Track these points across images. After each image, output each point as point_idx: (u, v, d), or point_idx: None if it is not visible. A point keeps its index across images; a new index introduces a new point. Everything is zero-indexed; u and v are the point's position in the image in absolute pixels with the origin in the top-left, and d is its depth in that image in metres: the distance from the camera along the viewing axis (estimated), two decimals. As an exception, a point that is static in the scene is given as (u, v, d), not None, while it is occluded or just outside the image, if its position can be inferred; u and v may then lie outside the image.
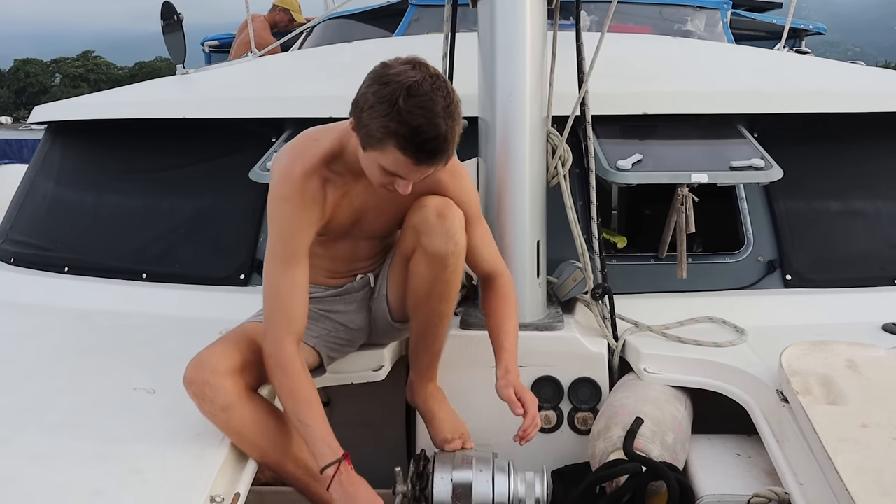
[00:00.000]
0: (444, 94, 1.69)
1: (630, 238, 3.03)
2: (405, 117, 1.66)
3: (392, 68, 1.71)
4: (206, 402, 1.82)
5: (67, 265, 3.03)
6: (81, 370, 2.23)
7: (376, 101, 1.68)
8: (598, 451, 2.06)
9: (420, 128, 1.66)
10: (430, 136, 1.67)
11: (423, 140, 1.68)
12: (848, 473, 1.56)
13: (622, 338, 2.38)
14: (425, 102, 1.66)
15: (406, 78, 1.67)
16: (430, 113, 1.66)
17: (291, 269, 1.90)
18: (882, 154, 2.93)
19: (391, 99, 1.66)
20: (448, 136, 1.70)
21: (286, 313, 1.90)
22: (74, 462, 1.73)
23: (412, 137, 1.67)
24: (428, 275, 2.02)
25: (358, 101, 1.74)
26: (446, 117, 1.68)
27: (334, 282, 2.20)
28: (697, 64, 3.54)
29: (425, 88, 1.66)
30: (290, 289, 1.90)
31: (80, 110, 3.41)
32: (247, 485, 1.80)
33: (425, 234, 1.98)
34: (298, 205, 1.89)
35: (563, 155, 2.41)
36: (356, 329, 2.23)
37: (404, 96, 1.65)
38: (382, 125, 1.68)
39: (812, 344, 2.06)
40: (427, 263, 2.01)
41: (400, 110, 1.65)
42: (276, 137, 2.88)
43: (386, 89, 1.67)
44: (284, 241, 1.91)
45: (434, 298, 2.08)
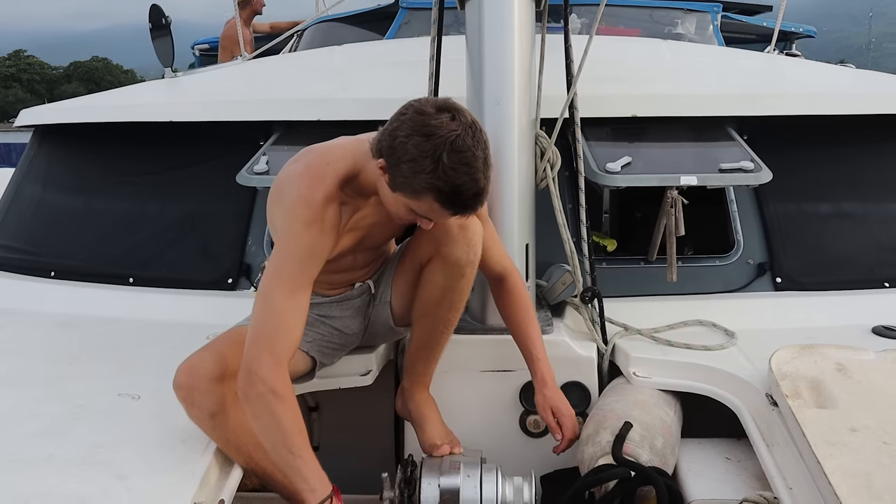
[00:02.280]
0: (483, 147, 1.71)
1: (620, 241, 3.03)
2: (449, 176, 1.67)
3: (431, 118, 1.69)
4: (194, 407, 1.81)
5: (54, 270, 3.01)
6: (66, 375, 2.21)
7: (418, 154, 1.67)
8: (587, 456, 2.05)
9: (463, 185, 1.68)
10: (472, 193, 1.70)
11: (465, 197, 1.71)
12: (837, 477, 1.55)
13: (611, 341, 2.37)
14: (468, 159, 1.67)
15: (448, 132, 1.67)
16: (472, 169, 1.68)
17: (299, 295, 1.83)
18: (872, 156, 2.93)
19: (434, 155, 1.66)
20: (486, 188, 1.73)
21: (286, 338, 1.81)
22: (58, 468, 1.71)
23: (454, 195, 1.70)
24: (443, 283, 2.05)
25: (395, 148, 1.71)
26: (485, 170, 1.71)
27: (332, 292, 2.19)
28: (687, 66, 3.54)
29: (468, 143, 1.67)
30: (294, 313, 1.82)
31: (67, 114, 3.39)
32: (231, 491, 1.79)
33: (446, 244, 2.01)
34: (318, 231, 1.85)
35: (552, 157, 2.40)
36: (350, 334, 2.22)
37: (448, 152, 1.66)
38: (425, 181, 1.69)
39: (801, 347, 2.06)
40: (444, 272, 2.04)
41: (445, 168, 1.66)
42: (264, 140, 2.86)
43: (428, 143, 1.67)
44: (298, 267, 1.84)
45: (444, 307, 2.10)
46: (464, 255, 2.01)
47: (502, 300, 2.22)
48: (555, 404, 2.13)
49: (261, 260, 2.79)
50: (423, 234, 2.07)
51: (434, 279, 2.07)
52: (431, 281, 2.08)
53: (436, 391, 2.25)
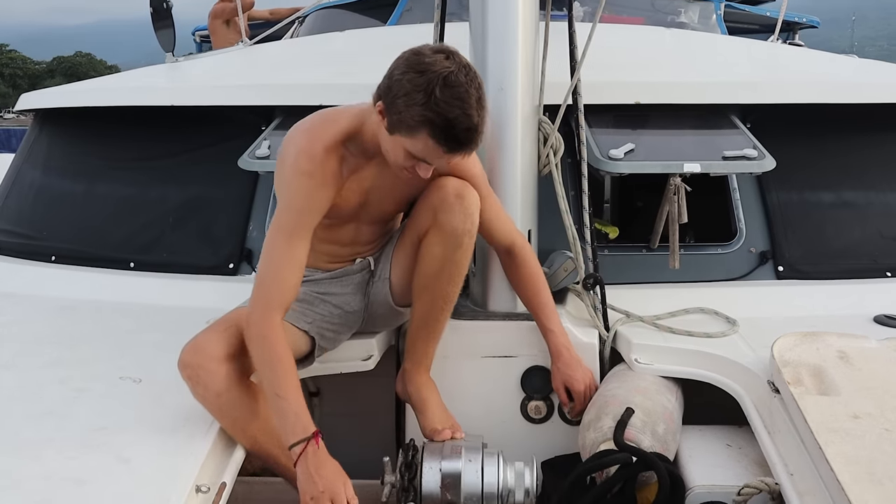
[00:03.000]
0: (477, 86, 1.74)
1: (621, 229, 3.02)
2: (442, 108, 1.70)
3: (426, 56, 1.74)
4: (199, 386, 1.82)
5: (54, 254, 3.01)
6: (67, 359, 2.21)
7: (412, 88, 1.71)
8: (589, 442, 2.05)
9: (456, 119, 1.71)
10: (465, 127, 1.73)
11: (458, 131, 1.73)
12: (839, 464, 1.55)
13: (613, 328, 2.37)
14: (461, 94, 1.70)
15: (442, 68, 1.71)
16: (465, 104, 1.71)
17: (294, 243, 1.91)
18: (875, 145, 2.92)
19: (427, 88, 1.70)
20: (480, 127, 1.75)
21: (280, 286, 1.89)
22: (59, 451, 1.71)
23: (447, 128, 1.72)
24: (440, 254, 2.06)
25: (391, 86, 1.76)
26: (479, 108, 1.73)
27: (333, 266, 2.20)
28: (690, 54, 3.53)
29: (461, 79, 1.71)
30: (289, 263, 1.90)
31: (67, 98, 3.38)
32: (233, 474, 1.79)
33: (443, 212, 2.03)
34: (318, 181, 1.91)
35: (555, 144, 2.39)
36: (351, 312, 2.21)
37: (441, 86, 1.69)
38: (419, 114, 1.72)
39: (803, 335, 2.06)
40: (441, 242, 2.05)
41: (437, 101, 1.69)
42: (265, 125, 2.85)
43: (422, 78, 1.71)
44: (296, 215, 1.92)
45: (443, 279, 2.10)
46: (460, 223, 2.02)
47: (512, 273, 2.26)
48: (567, 378, 2.20)
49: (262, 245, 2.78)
50: (421, 206, 2.09)
51: (432, 250, 2.07)
52: (430, 252, 2.08)
53: (437, 376, 2.25)
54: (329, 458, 1.82)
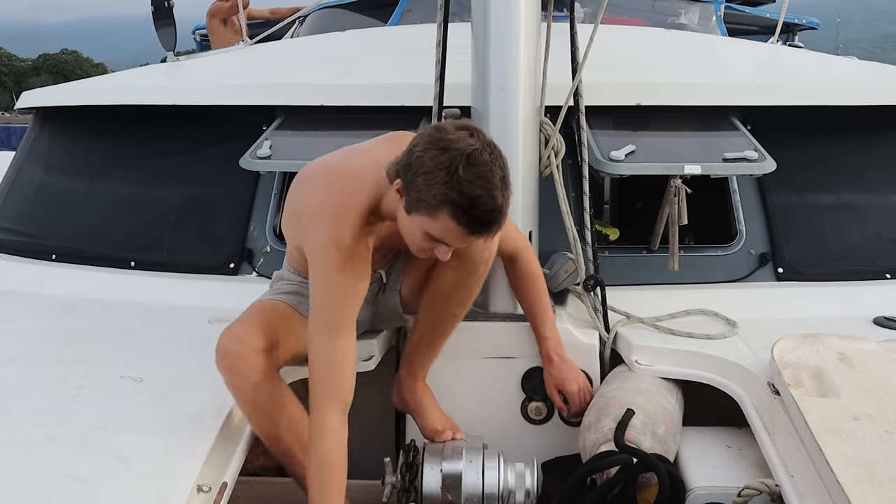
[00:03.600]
0: (501, 165, 1.66)
1: (622, 231, 3.03)
2: (465, 187, 1.61)
3: (449, 133, 1.66)
4: (238, 376, 1.82)
5: (55, 252, 3.01)
6: (67, 358, 2.21)
7: (434, 167, 1.62)
8: (589, 443, 2.05)
9: (478, 199, 1.62)
10: (488, 209, 1.64)
11: (481, 212, 1.64)
12: (839, 465, 1.56)
13: (614, 329, 2.37)
14: (485, 173, 1.62)
15: (466, 146, 1.63)
16: (489, 184, 1.62)
17: (341, 338, 1.84)
18: (875, 147, 2.93)
19: (450, 167, 1.61)
20: (504, 208, 1.67)
21: (335, 385, 1.83)
22: (58, 449, 1.71)
23: (469, 209, 1.63)
24: (453, 278, 2.06)
25: (411, 164, 1.67)
26: (503, 188, 1.65)
27: None
28: (691, 56, 3.54)
29: (485, 158, 1.63)
30: (341, 360, 1.84)
31: (68, 96, 3.38)
32: (234, 474, 1.79)
33: None
34: (351, 274, 1.83)
35: (556, 145, 2.40)
36: (359, 321, 2.21)
37: (464, 165, 1.61)
38: (440, 193, 1.63)
39: (803, 336, 2.06)
40: (457, 267, 2.03)
41: (460, 179, 1.61)
42: (266, 125, 2.85)
43: (444, 156, 1.62)
44: (336, 312, 1.84)
45: (453, 302, 2.11)
46: (479, 252, 2.02)
47: (514, 280, 2.26)
48: (559, 382, 2.20)
49: (263, 245, 2.79)
50: None
51: (446, 273, 2.07)
52: (443, 275, 2.08)
53: (437, 378, 2.26)
54: None
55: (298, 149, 2.59)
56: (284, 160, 2.54)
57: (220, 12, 6.25)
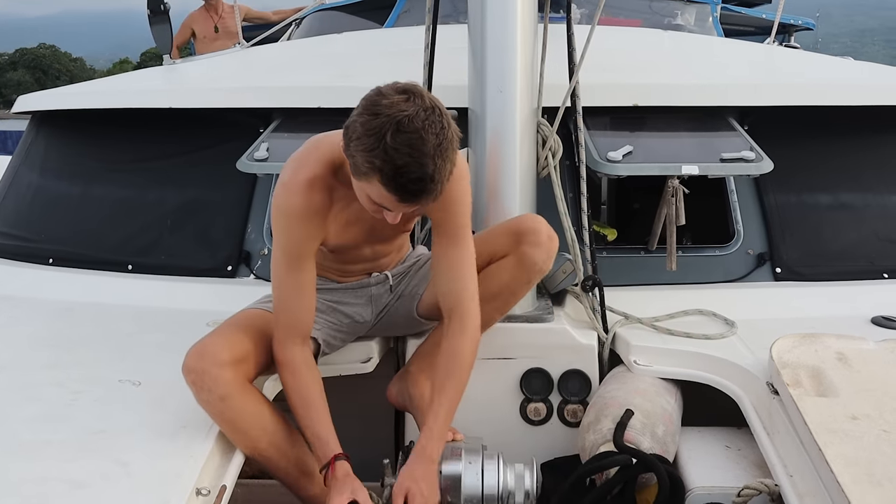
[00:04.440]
0: (437, 131, 1.61)
1: (620, 231, 3.03)
2: (391, 155, 1.58)
3: (385, 98, 1.62)
4: (203, 391, 1.81)
5: (52, 257, 3.00)
6: (65, 362, 2.20)
7: (364, 132, 1.61)
8: (588, 444, 2.05)
9: (405, 167, 1.59)
10: (415, 177, 1.60)
11: (408, 180, 1.61)
12: (838, 465, 1.56)
13: (612, 330, 2.37)
14: (413, 140, 1.58)
15: (397, 111, 1.59)
16: (417, 152, 1.59)
17: (296, 274, 1.91)
18: (872, 147, 2.93)
19: (378, 133, 1.59)
20: (435, 176, 1.62)
21: (292, 317, 1.93)
22: (56, 453, 1.71)
23: (396, 176, 1.61)
24: (507, 281, 2.09)
25: (348, 127, 1.67)
26: (435, 156, 1.60)
27: (347, 279, 2.20)
28: (688, 56, 3.54)
29: (416, 125, 1.59)
30: (296, 294, 1.92)
31: (65, 100, 3.37)
32: (233, 477, 1.78)
33: (531, 246, 2.05)
34: (300, 217, 1.86)
35: (554, 146, 2.40)
36: (361, 323, 2.22)
37: (392, 132, 1.58)
38: (367, 160, 1.62)
39: (802, 336, 2.06)
40: (515, 271, 2.07)
41: (386, 147, 1.58)
42: (263, 128, 2.85)
43: (375, 121, 1.60)
44: (288, 253, 1.90)
45: (495, 305, 2.13)
46: (542, 262, 2.07)
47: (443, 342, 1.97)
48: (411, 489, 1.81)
49: (260, 247, 2.79)
50: (502, 231, 2.11)
51: (501, 276, 2.08)
52: (497, 277, 2.08)
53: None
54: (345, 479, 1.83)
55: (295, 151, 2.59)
56: (281, 162, 2.52)
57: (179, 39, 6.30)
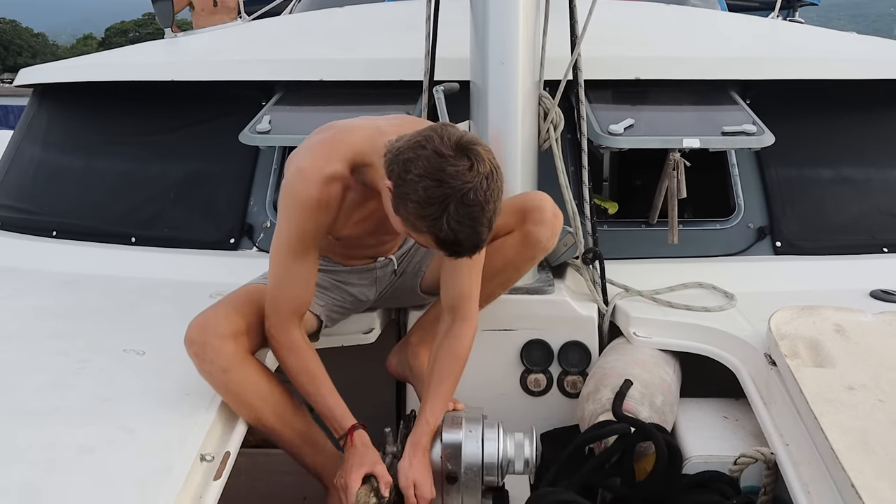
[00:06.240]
0: (495, 198, 1.63)
1: (621, 205, 3.03)
2: (452, 227, 1.60)
3: (448, 163, 1.59)
4: (206, 363, 1.83)
5: (55, 229, 3.02)
6: (70, 332, 2.22)
7: (426, 199, 1.59)
8: (587, 413, 2.08)
9: (464, 240, 1.62)
10: (471, 245, 1.65)
11: (464, 248, 1.66)
12: (834, 433, 1.58)
13: (612, 302, 2.39)
14: (475, 213, 1.59)
15: (461, 183, 1.58)
16: (478, 223, 1.61)
17: (301, 261, 1.92)
18: (874, 122, 2.93)
19: (442, 204, 1.58)
20: (485, 239, 1.66)
21: (292, 300, 1.94)
22: (63, 420, 1.73)
23: (453, 244, 1.64)
24: (512, 258, 2.11)
25: (405, 182, 1.62)
26: (489, 224, 1.64)
27: (352, 263, 2.21)
28: (691, 30, 3.52)
29: (479, 198, 1.59)
30: (297, 279, 1.93)
31: (67, 73, 3.37)
32: (237, 444, 1.81)
33: (535, 224, 2.08)
34: (314, 209, 1.86)
35: (555, 119, 2.40)
36: (364, 301, 2.25)
37: (456, 204, 1.58)
38: (427, 226, 1.62)
39: (801, 308, 2.07)
40: (519, 248, 2.09)
41: (448, 219, 1.59)
42: (265, 100, 2.85)
43: (438, 190, 1.58)
44: (294, 241, 1.90)
45: (498, 280, 2.16)
46: (546, 240, 2.09)
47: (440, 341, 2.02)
48: (417, 479, 1.87)
49: (263, 220, 2.80)
50: (513, 209, 2.08)
51: (505, 252, 2.10)
52: (501, 253, 2.10)
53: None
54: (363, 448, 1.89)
55: (297, 123, 2.59)
56: (283, 135, 2.55)
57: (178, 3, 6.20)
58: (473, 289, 2.01)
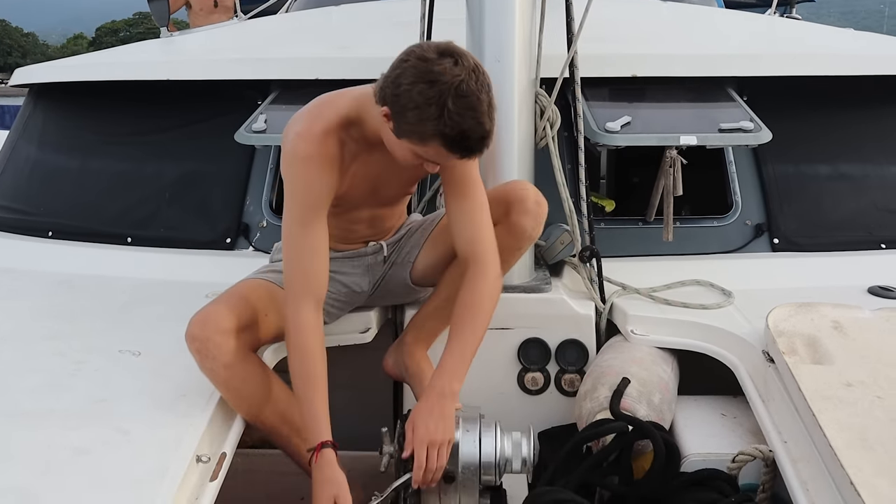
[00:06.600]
0: (487, 90, 1.69)
1: (618, 203, 3.03)
2: (455, 121, 1.65)
3: (434, 64, 1.65)
4: (208, 358, 1.82)
5: (51, 229, 3.01)
6: (65, 333, 2.22)
7: (424, 101, 1.65)
8: (585, 412, 2.07)
9: (469, 130, 1.66)
10: (478, 137, 1.69)
11: (472, 141, 1.69)
12: (832, 430, 1.57)
13: (610, 300, 2.38)
14: (473, 104, 1.65)
15: (452, 78, 1.64)
16: (478, 113, 1.66)
17: (311, 231, 1.90)
18: (871, 118, 2.92)
19: (439, 101, 1.64)
20: (492, 131, 1.71)
21: (305, 277, 1.90)
22: (58, 422, 1.72)
23: (462, 140, 1.68)
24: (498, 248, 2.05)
25: (399, 97, 1.68)
26: (489, 113, 1.69)
27: (345, 246, 2.21)
28: (687, 27, 3.51)
29: (472, 88, 1.65)
30: (310, 253, 1.90)
31: (62, 72, 3.36)
32: (233, 445, 1.80)
33: (519, 214, 2.06)
34: (318, 164, 1.87)
35: (552, 116, 2.40)
36: (359, 292, 2.24)
37: (453, 98, 1.63)
38: (432, 128, 1.67)
39: (798, 305, 2.07)
40: (504, 238, 2.05)
41: (450, 114, 1.64)
42: (261, 99, 2.84)
43: (432, 90, 1.64)
44: (303, 203, 1.90)
45: None
46: (532, 229, 2.08)
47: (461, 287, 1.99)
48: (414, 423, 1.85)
49: (259, 219, 2.79)
50: (497, 199, 2.08)
51: None
52: None
53: (434, 348, 2.26)
54: (327, 468, 1.81)
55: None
56: (279, 134, 2.52)
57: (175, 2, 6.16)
58: (484, 231, 1.99)
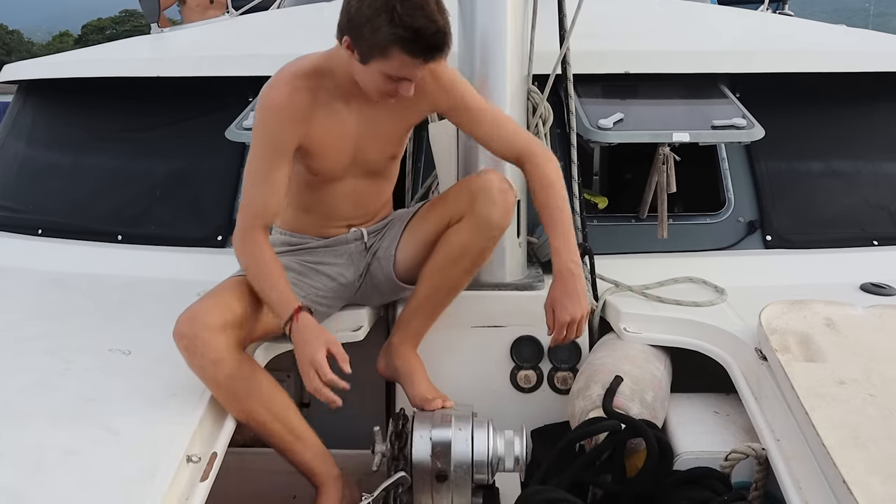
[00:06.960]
0: None
1: (611, 200, 3.02)
2: (406, 21, 1.76)
3: None
4: (196, 356, 1.82)
5: (41, 227, 2.99)
6: (55, 332, 2.20)
7: (373, 13, 1.78)
8: (578, 410, 2.07)
9: (423, 28, 1.77)
10: (433, 32, 1.78)
11: (428, 37, 1.78)
12: (825, 428, 1.57)
13: (602, 298, 2.38)
14: (420, 3, 1.77)
15: None
16: (427, 10, 1.77)
17: (273, 169, 1.98)
18: (864, 115, 2.92)
19: (387, 7, 1.76)
20: (446, 28, 1.81)
21: (259, 205, 2.00)
22: (48, 422, 1.71)
23: (418, 39, 1.78)
24: (467, 242, 2.08)
25: (352, 18, 1.82)
26: (440, 11, 1.80)
27: (327, 231, 2.21)
28: (680, 23, 3.51)
29: None
30: (265, 182, 1.99)
31: (52, 69, 3.33)
32: (224, 444, 1.79)
33: (484, 204, 2.05)
34: (285, 112, 1.95)
35: (544, 113, 2.39)
36: (345, 284, 2.23)
37: (400, 2, 1.75)
38: (387, 34, 1.77)
39: (791, 303, 2.07)
40: (473, 231, 2.06)
41: (400, 16, 1.75)
42: (252, 96, 2.82)
43: (379, 1, 1.77)
44: (265, 147, 1.99)
45: (460, 266, 2.12)
46: (499, 219, 2.06)
47: (529, 187, 2.14)
48: (556, 303, 2.00)
49: (250, 217, 2.77)
50: (457, 192, 2.11)
51: (460, 237, 2.08)
52: (456, 238, 2.09)
53: (426, 346, 2.26)
54: (308, 328, 1.90)
55: None
56: None
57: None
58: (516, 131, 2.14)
